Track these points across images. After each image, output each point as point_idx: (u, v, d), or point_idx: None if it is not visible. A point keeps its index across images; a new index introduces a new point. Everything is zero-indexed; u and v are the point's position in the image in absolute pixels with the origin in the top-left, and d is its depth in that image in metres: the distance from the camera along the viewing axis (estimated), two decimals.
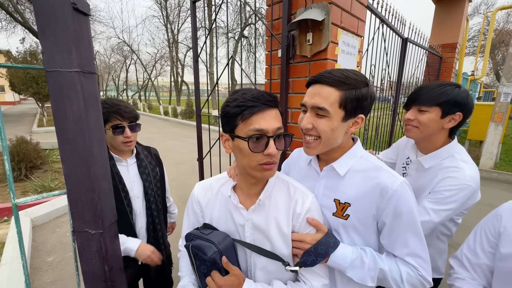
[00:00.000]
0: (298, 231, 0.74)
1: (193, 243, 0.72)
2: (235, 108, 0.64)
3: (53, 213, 3.27)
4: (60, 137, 0.74)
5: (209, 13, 11.38)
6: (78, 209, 0.82)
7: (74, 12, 0.68)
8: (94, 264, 0.86)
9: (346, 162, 0.77)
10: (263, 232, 0.74)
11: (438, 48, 4.01)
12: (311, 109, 0.73)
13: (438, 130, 0.98)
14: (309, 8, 1.36)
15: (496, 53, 18.87)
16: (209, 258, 0.67)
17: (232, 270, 0.69)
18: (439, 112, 0.95)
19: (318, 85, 0.71)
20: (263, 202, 0.75)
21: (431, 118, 0.96)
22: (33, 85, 10.47)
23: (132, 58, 28.50)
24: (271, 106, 0.65)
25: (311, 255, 0.71)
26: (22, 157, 4.21)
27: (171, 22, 19.83)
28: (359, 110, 0.71)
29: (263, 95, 0.65)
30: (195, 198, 0.84)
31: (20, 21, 10.26)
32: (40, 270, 2.30)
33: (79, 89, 0.72)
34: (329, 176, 0.80)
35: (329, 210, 0.79)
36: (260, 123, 0.63)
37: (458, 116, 0.96)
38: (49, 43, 0.67)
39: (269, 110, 0.65)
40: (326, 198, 0.80)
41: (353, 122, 0.73)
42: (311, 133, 0.74)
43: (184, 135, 9.93)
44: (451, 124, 0.97)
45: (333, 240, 0.74)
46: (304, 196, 0.75)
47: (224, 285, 0.67)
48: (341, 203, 0.76)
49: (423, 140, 1.04)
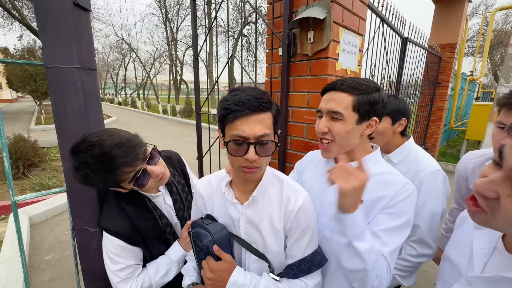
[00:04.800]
0: (289, 229, 0.76)
1: (194, 230, 0.77)
2: (222, 110, 0.66)
3: (51, 211, 3.25)
4: (60, 134, 0.73)
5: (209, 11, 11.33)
6: (78, 207, 0.82)
7: (74, 8, 0.67)
8: (94, 262, 0.85)
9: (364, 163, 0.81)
10: (256, 226, 0.77)
11: (437, 48, 4.01)
12: (326, 113, 0.78)
13: (392, 134, 1.17)
14: (311, 6, 1.36)
15: (495, 53, 18.94)
16: (203, 245, 0.73)
17: (224, 257, 0.74)
18: (389, 120, 1.13)
19: (333, 92, 0.77)
20: (257, 198, 0.78)
21: (385, 126, 1.13)
22: (30, 82, 10.40)
23: (130, 56, 28.40)
24: (256, 111, 0.64)
25: (294, 269, 0.75)
26: (20, 155, 4.18)
27: (170, 20, 19.75)
28: (372, 113, 0.76)
29: (250, 99, 0.63)
30: (197, 193, 0.88)
31: (18, 18, 10.18)
32: (39, 269, 2.29)
33: (80, 85, 0.71)
34: None
35: None
36: (243, 129, 0.64)
37: (404, 121, 1.15)
38: (49, 38, 0.66)
39: (254, 115, 0.64)
40: None
41: (367, 125, 0.78)
42: (326, 136, 0.78)
43: (183, 133, 9.91)
44: (400, 128, 1.16)
45: (319, 259, 0.77)
46: (297, 194, 0.77)
47: (216, 269, 0.72)
48: None
49: (384, 145, 1.21)
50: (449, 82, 4.26)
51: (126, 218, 0.84)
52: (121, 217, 0.83)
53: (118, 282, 0.83)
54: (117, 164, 0.72)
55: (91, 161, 0.69)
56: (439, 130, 4.51)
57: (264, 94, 0.68)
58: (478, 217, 0.46)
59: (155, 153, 0.87)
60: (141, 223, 0.86)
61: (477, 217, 0.47)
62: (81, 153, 0.69)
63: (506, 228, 0.45)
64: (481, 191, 0.44)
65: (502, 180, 0.41)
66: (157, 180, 0.86)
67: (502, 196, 0.42)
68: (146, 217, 0.88)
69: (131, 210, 0.85)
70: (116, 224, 0.82)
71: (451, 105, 5.72)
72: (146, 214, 0.89)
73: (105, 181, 0.73)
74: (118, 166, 0.72)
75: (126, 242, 0.83)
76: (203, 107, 2.22)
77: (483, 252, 0.55)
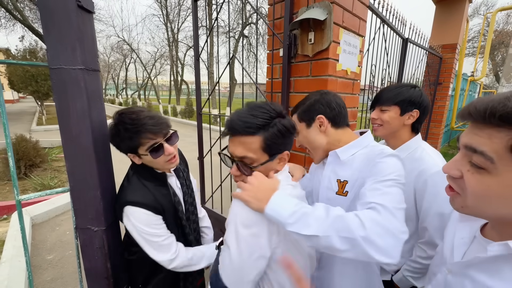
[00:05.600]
0: None
1: None
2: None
3: (53, 211, 3.27)
4: (63, 134, 0.74)
5: (209, 12, 11.35)
6: (81, 206, 0.82)
7: (78, 10, 0.68)
8: (97, 261, 0.86)
9: (348, 150, 0.88)
10: None
11: (438, 48, 4.01)
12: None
13: (400, 126, 1.11)
14: (311, 8, 1.36)
15: (496, 54, 18.91)
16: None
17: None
18: (398, 110, 1.08)
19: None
20: None
21: (392, 116, 1.09)
22: (32, 83, 10.44)
23: (131, 57, 28.44)
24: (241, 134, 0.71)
25: None
26: (22, 155, 4.20)
27: (171, 21, 19.81)
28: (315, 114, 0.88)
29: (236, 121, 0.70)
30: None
31: (20, 19, 10.23)
32: (40, 268, 2.29)
33: (83, 86, 0.72)
34: (334, 162, 0.91)
35: (333, 190, 0.89)
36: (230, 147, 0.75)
37: (416, 113, 1.08)
38: (53, 40, 0.67)
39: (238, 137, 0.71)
40: (331, 180, 0.90)
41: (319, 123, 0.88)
42: (305, 148, 0.96)
43: (183, 134, 9.94)
44: (411, 121, 1.09)
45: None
46: None
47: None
48: (341, 181, 0.87)
49: (390, 137, 1.16)
50: (450, 82, 4.26)
51: (149, 192, 0.94)
52: (144, 192, 0.94)
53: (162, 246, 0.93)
54: (145, 129, 0.87)
55: (128, 121, 0.86)
56: (440, 130, 4.51)
57: (255, 118, 0.68)
58: (456, 202, 0.50)
59: (174, 136, 1.00)
60: (160, 197, 0.96)
61: (455, 202, 0.50)
62: (124, 114, 0.88)
63: (481, 207, 0.46)
64: (447, 172, 0.49)
65: (461, 158, 0.47)
66: (166, 160, 0.95)
67: (464, 173, 0.46)
68: (163, 193, 0.98)
69: (152, 186, 0.96)
70: (143, 196, 0.92)
71: (452, 106, 5.71)
72: (163, 190, 0.99)
73: (130, 140, 0.87)
74: (145, 130, 0.87)
75: (153, 212, 0.92)
76: (204, 108, 2.23)
77: (464, 241, 0.57)
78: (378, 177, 0.73)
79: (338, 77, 1.48)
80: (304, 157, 1.59)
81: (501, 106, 0.40)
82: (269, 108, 0.71)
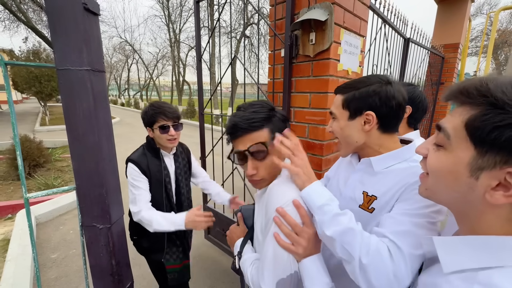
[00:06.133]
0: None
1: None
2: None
3: (57, 210, 3.30)
4: (70, 134, 0.76)
5: (211, 13, 11.38)
6: (86, 204, 0.84)
7: (84, 12, 0.69)
8: (102, 258, 0.88)
9: (384, 160, 0.76)
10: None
11: (440, 48, 4.00)
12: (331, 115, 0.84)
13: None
14: (312, 8, 1.38)
15: (499, 53, 18.77)
16: (236, 211, 1.00)
17: (240, 223, 0.90)
18: None
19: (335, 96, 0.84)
20: (258, 194, 0.85)
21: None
22: (35, 84, 10.53)
23: (134, 58, 28.56)
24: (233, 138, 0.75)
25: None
26: (26, 155, 4.25)
27: (173, 21, 19.86)
28: (365, 107, 0.73)
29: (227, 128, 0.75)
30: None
31: (23, 20, 10.32)
32: (45, 267, 2.32)
33: (89, 86, 0.74)
34: (365, 170, 0.81)
35: (355, 202, 0.79)
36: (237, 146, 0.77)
37: (407, 108, 1.12)
38: (60, 42, 0.69)
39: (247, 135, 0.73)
40: (356, 190, 0.80)
41: (364, 120, 0.74)
42: (333, 136, 0.85)
43: (185, 134, 9.96)
44: (405, 115, 1.10)
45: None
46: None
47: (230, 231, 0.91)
48: (369, 195, 0.76)
49: None
50: (452, 82, 4.25)
51: (144, 158, 1.31)
52: (141, 156, 1.32)
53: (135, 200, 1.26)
54: (163, 111, 1.28)
55: (156, 105, 1.31)
56: None
57: (257, 113, 0.71)
58: (422, 184, 0.51)
59: (180, 125, 1.36)
60: (152, 165, 1.32)
61: (421, 185, 0.52)
62: (154, 102, 1.33)
63: (438, 189, 0.47)
64: (418, 152, 0.51)
65: (432, 138, 0.48)
66: (168, 138, 1.30)
67: (430, 151, 0.47)
68: (156, 163, 1.34)
69: (149, 156, 1.33)
70: (138, 158, 1.30)
71: (454, 106, 5.68)
72: (156, 161, 1.35)
73: (151, 116, 1.28)
74: (163, 112, 1.28)
75: (139, 170, 1.27)
76: (206, 108, 2.24)
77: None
78: (410, 207, 0.64)
79: (339, 77, 1.49)
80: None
81: (469, 83, 0.42)
82: (263, 103, 0.76)
